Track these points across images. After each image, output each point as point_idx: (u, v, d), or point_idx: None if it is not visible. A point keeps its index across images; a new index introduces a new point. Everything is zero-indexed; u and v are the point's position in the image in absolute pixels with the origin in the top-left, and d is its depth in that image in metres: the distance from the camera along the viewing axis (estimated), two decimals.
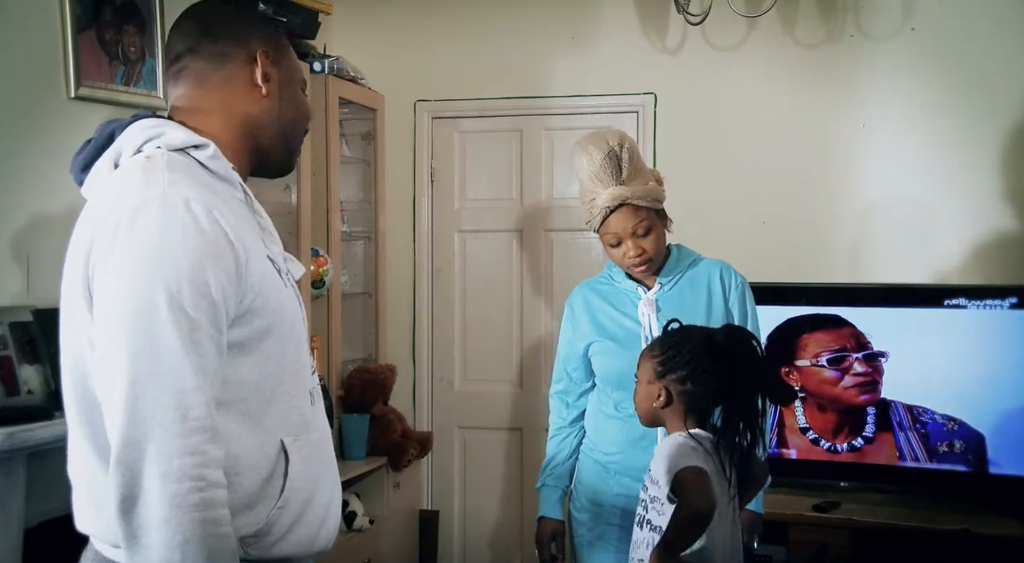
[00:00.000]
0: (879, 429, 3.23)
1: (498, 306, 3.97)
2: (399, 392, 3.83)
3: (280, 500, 1.35)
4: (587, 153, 2.28)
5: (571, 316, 2.45)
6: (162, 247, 1.25)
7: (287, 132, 1.53)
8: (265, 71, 1.48)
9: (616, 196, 2.26)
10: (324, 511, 1.44)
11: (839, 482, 3.28)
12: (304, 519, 1.39)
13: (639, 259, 2.30)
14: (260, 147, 1.50)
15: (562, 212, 3.91)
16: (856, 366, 3.23)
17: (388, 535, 3.55)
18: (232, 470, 1.29)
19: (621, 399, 2.32)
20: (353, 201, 3.85)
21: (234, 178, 1.42)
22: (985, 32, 3.45)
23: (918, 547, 3.00)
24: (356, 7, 3.95)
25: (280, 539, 1.36)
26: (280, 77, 1.50)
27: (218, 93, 1.46)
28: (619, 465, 2.32)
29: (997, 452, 3.11)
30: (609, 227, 2.30)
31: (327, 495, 1.45)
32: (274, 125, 1.50)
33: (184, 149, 1.37)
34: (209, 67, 1.46)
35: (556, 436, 2.47)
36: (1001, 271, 3.39)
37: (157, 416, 1.21)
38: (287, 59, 1.54)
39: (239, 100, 1.47)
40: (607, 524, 2.33)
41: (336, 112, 3.51)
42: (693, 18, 3.51)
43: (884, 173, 3.55)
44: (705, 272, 2.37)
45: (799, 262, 3.57)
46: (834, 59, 3.59)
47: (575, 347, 2.42)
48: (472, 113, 3.97)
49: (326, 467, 1.46)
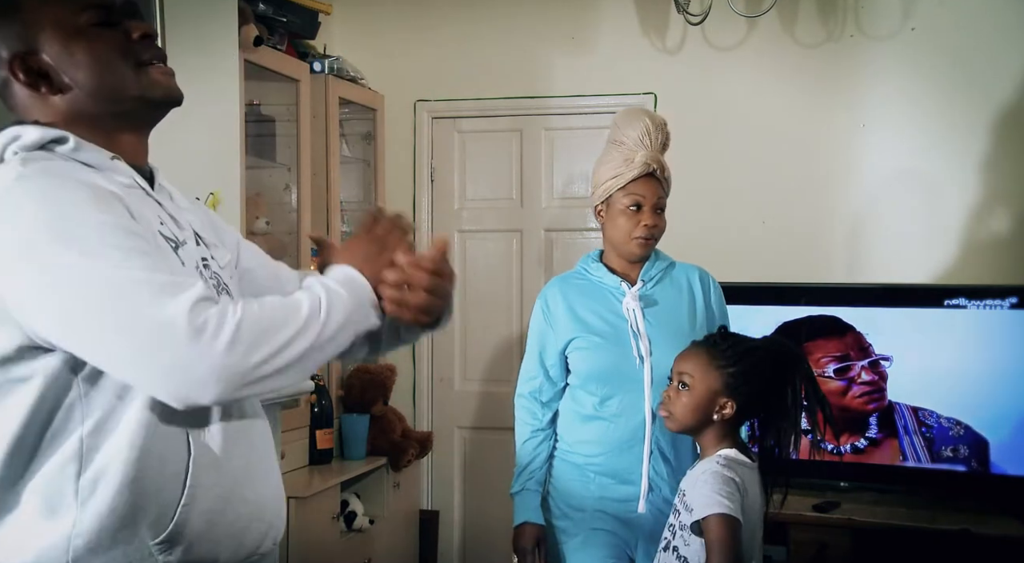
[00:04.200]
0: (882, 431, 3.22)
1: (498, 306, 3.97)
2: (399, 392, 3.83)
3: (184, 497, 1.23)
4: (646, 116, 2.35)
5: (546, 312, 2.36)
6: (37, 214, 1.15)
7: (108, 94, 1.30)
8: (35, 70, 1.28)
9: (658, 161, 2.30)
10: (253, 508, 1.33)
11: (839, 482, 3.28)
12: (224, 519, 1.28)
13: (651, 231, 2.28)
14: (110, 124, 1.32)
15: (562, 212, 3.92)
16: (863, 374, 3.22)
17: (388, 535, 3.55)
18: (136, 466, 1.21)
19: (606, 397, 2.25)
20: (353, 201, 3.85)
21: (114, 166, 1.28)
22: (985, 32, 3.45)
23: (918, 547, 2.99)
24: (356, 7, 3.95)
25: (195, 542, 1.25)
26: (53, 55, 1.28)
27: (32, 117, 1.30)
28: (600, 467, 2.25)
29: (997, 452, 3.11)
30: (636, 189, 2.28)
31: (256, 490, 1.34)
32: (90, 104, 1.30)
33: (45, 147, 1.26)
34: (6, 102, 1.31)
35: (532, 439, 2.36)
36: (1001, 271, 3.39)
37: (132, 330, 1.14)
38: (47, 26, 1.28)
39: (45, 113, 1.30)
40: (592, 529, 2.25)
41: (336, 112, 3.51)
42: (693, 18, 3.51)
43: (884, 173, 3.55)
44: (683, 274, 2.37)
45: (799, 262, 3.57)
46: (834, 59, 3.59)
47: (553, 344, 2.33)
48: (472, 113, 3.97)
49: (253, 457, 1.35)
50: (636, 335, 2.25)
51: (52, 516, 1.21)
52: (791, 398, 1.88)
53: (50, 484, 1.21)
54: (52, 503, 1.21)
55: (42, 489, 1.21)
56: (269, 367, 1.18)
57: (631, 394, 2.23)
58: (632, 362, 2.23)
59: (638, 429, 2.22)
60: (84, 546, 1.20)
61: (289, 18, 3.24)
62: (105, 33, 1.31)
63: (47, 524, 1.21)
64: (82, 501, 1.20)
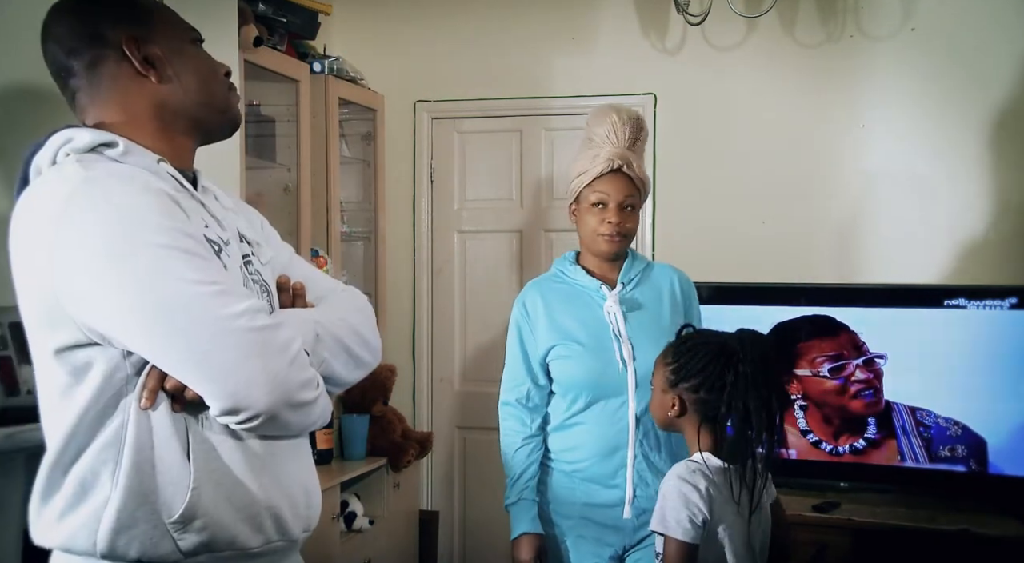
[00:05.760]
0: (880, 432, 3.22)
1: (498, 306, 3.96)
2: (399, 392, 3.83)
3: (192, 481, 1.28)
4: (614, 112, 2.29)
5: (524, 318, 2.31)
6: (107, 218, 1.22)
7: (203, 100, 1.43)
8: (144, 56, 1.38)
9: (622, 156, 2.25)
10: (274, 495, 1.36)
11: (839, 483, 3.28)
12: (240, 503, 1.32)
13: (616, 229, 2.23)
14: (187, 126, 1.43)
15: (562, 212, 3.90)
16: (858, 373, 3.22)
17: (388, 535, 3.55)
18: (151, 447, 1.27)
19: (590, 403, 2.21)
20: (353, 201, 3.85)
21: (159, 169, 1.35)
22: (985, 32, 3.45)
23: (918, 547, 2.99)
24: (356, 7, 3.95)
25: (210, 524, 1.29)
26: (164, 51, 1.39)
27: (114, 101, 1.38)
28: (585, 473, 2.22)
29: (996, 453, 3.11)
30: (601, 186, 2.24)
31: (278, 477, 1.37)
32: (185, 102, 1.41)
33: (95, 149, 1.32)
34: (89, 81, 1.38)
35: (524, 447, 2.27)
36: (1001, 271, 3.39)
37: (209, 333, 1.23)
38: (161, 27, 1.41)
39: (136, 98, 1.38)
40: (579, 536, 2.23)
41: (336, 112, 3.51)
42: (693, 18, 3.51)
43: (884, 173, 3.55)
44: (662, 275, 2.34)
45: (798, 262, 3.57)
46: (834, 59, 3.59)
47: (534, 350, 2.28)
48: (472, 113, 3.97)
49: (277, 446, 1.38)
50: (619, 339, 2.21)
51: (84, 498, 1.28)
52: (730, 394, 1.81)
53: (90, 467, 1.28)
54: (87, 485, 1.28)
55: (82, 472, 1.28)
56: (310, 394, 1.32)
57: (615, 399, 2.20)
58: (615, 367, 2.20)
59: (621, 434, 2.19)
60: (109, 527, 1.26)
61: (289, 18, 3.24)
62: (207, 54, 1.47)
63: (80, 506, 1.28)
64: (116, 483, 1.26)
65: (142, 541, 1.27)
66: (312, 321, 1.42)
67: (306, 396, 1.31)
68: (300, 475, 1.43)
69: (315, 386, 1.33)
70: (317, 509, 1.47)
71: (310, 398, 1.32)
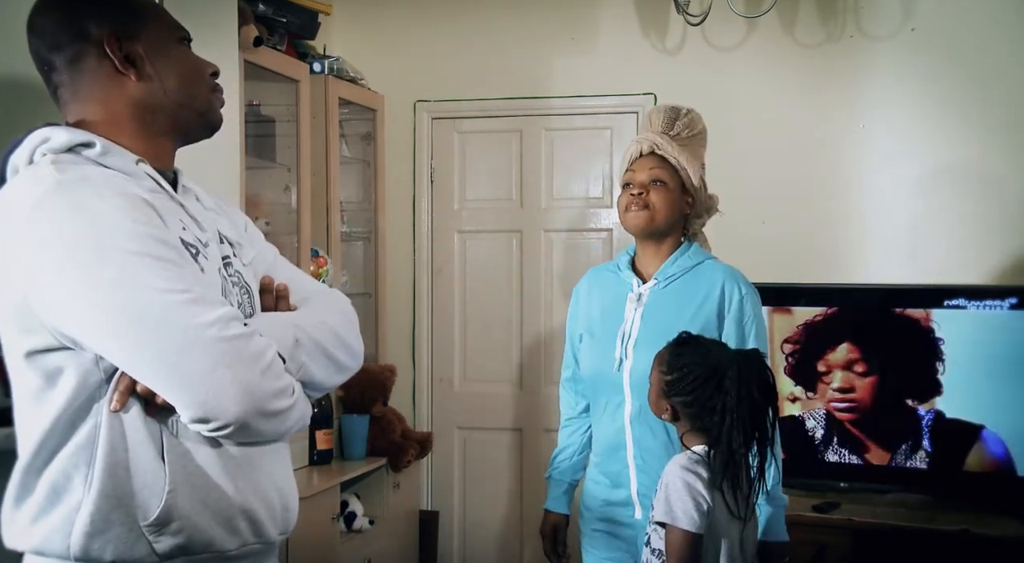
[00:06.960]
0: (882, 431, 3.22)
1: (498, 306, 3.97)
2: (399, 392, 3.83)
3: (168, 484, 1.27)
4: (657, 106, 2.35)
5: (575, 302, 2.36)
6: (77, 224, 1.21)
7: (183, 100, 1.41)
8: (125, 54, 1.37)
9: (649, 140, 2.24)
10: (250, 497, 1.36)
11: (839, 483, 3.28)
12: (216, 506, 1.32)
13: (639, 200, 2.18)
14: (166, 126, 1.41)
15: (562, 212, 3.92)
16: (858, 374, 3.22)
17: (388, 535, 3.55)
18: (124, 449, 1.27)
19: (595, 398, 2.23)
20: (353, 201, 3.85)
21: (136, 170, 1.34)
22: (985, 32, 3.45)
23: (918, 547, 2.99)
24: (356, 7, 3.95)
25: (186, 527, 1.28)
26: (147, 49, 1.38)
27: (94, 98, 1.37)
28: (598, 469, 2.25)
29: (996, 453, 3.11)
30: (632, 168, 2.25)
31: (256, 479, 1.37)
32: (164, 102, 1.40)
33: (73, 149, 1.31)
34: (71, 77, 1.37)
35: (567, 427, 2.37)
36: (1001, 271, 3.39)
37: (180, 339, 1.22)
38: (148, 25, 1.40)
39: (115, 96, 1.37)
40: (593, 530, 2.25)
41: (336, 112, 3.51)
42: (693, 18, 3.51)
43: (884, 173, 3.55)
44: (707, 277, 2.18)
45: (799, 262, 3.56)
46: (834, 59, 3.59)
47: (573, 335, 2.34)
48: (472, 113, 3.97)
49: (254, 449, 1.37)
50: (625, 336, 2.17)
51: (57, 501, 1.27)
52: (719, 418, 1.83)
53: (63, 470, 1.27)
54: (59, 488, 1.27)
55: (55, 475, 1.27)
56: (283, 403, 1.31)
57: (614, 398, 2.18)
58: (612, 366, 2.18)
59: (620, 434, 2.18)
60: (83, 530, 1.25)
61: (289, 18, 3.24)
62: (193, 54, 1.45)
63: (53, 509, 1.27)
64: (89, 486, 1.26)
65: (117, 544, 1.26)
66: (292, 325, 1.41)
67: (279, 405, 1.30)
68: (277, 478, 1.42)
69: (290, 394, 1.32)
70: (294, 512, 1.46)
71: (284, 406, 1.31)
